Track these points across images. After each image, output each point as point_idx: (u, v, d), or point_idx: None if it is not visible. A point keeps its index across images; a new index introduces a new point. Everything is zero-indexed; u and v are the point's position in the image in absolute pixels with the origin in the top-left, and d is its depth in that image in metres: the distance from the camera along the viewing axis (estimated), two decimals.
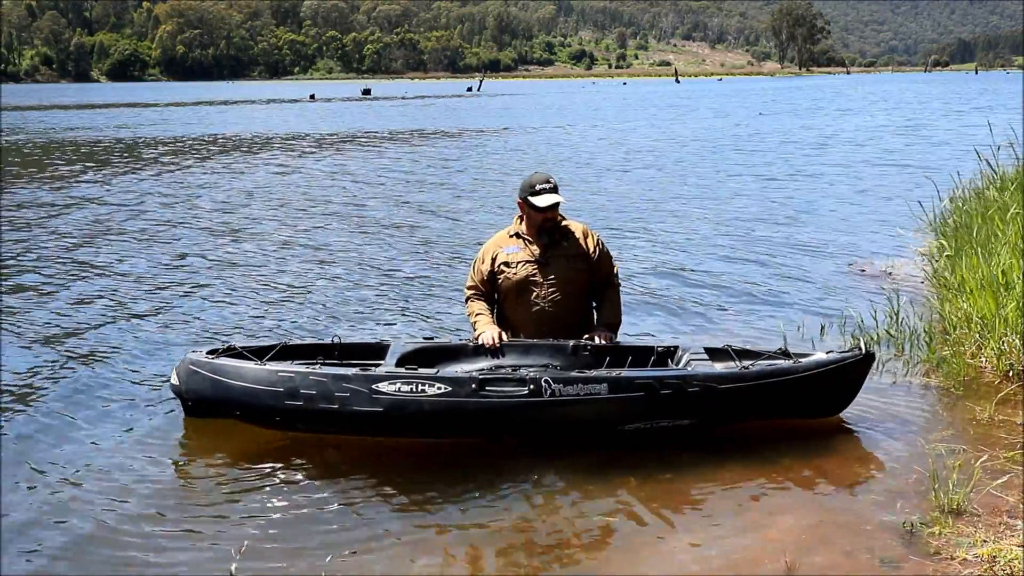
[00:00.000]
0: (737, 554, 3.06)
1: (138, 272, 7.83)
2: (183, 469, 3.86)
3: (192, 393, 4.08)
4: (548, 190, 4.30)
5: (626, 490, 3.54)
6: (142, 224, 10.36)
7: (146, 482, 3.69)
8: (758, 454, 3.78)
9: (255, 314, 6.40)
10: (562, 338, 4.25)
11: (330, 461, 3.82)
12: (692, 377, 3.81)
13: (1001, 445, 3.80)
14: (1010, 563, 2.85)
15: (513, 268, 4.36)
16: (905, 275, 7.00)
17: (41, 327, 6.10)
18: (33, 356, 5.46)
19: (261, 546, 3.14)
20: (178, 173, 15.90)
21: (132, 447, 4.05)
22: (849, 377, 3.97)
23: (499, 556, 3.13)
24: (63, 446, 4.09)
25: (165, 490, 3.63)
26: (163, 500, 3.54)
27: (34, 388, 4.88)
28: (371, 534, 3.24)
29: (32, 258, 8.42)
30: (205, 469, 3.83)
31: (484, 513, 3.40)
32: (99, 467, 3.84)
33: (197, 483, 3.71)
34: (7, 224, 10.22)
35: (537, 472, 3.68)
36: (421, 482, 3.63)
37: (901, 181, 12.97)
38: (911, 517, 3.19)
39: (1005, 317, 4.65)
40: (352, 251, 8.69)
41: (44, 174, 15.84)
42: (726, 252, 8.31)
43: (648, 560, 3.05)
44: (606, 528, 3.28)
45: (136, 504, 3.50)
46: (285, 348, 4.29)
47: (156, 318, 6.32)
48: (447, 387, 3.75)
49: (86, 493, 3.60)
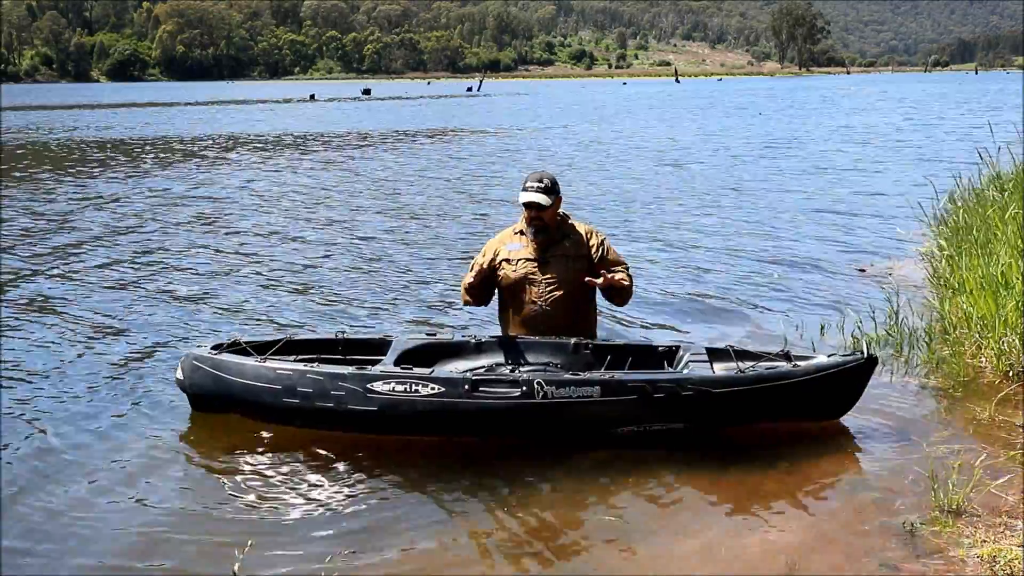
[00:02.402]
0: (737, 554, 3.06)
1: (144, 269, 7.87)
2: (187, 465, 3.86)
3: (195, 388, 4.14)
4: (535, 189, 4.29)
5: (626, 490, 3.54)
6: (147, 222, 10.38)
7: (149, 480, 3.70)
8: (758, 454, 3.78)
9: (262, 308, 6.46)
10: (558, 336, 4.26)
11: (331, 460, 3.83)
12: (686, 380, 3.79)
13: (1001, 445, 3.80)
14: (1010, 563, 2.85)
15: (513, 265, 4.37)
16: (905, 275, 7.00)
17: (47, 322, 6.14)
18: (40, 350, 5.51)
19: (262, 546, 3.14)
20: (181, 173, 15.89)
21: (137, 444, 4.06)
22: (850, 381, 3.92)
23: (499, 556, 3.13)
24: (65, 443, 4.09)
25: (168, 488, 3.63)
26: (166, 498, 3.54)
27: (39, 382, 4.91)
28: (371, 533, 3.24)
29: (40, 253, 8.46)
30: (208, 467, 3.84)
31: (484, 513, 3.41)
32: (101, 465, 3.85)
33: (199, 481, 3.71)
34: (11, 224, 10.22)
35: (537, 472, 3.67)
36: (421, 482, 3.63)
37: (901, 181, 12.97)
38: (911, 517, 3.19)
39: (1005, 317, 4.64)
40: (354, 250, 8.70)
41: (46, 173, 15.85)
42: (726, 251, 8.31)
43: (648, 560, 3.05)
44: (606, 528, 3.27)
45: (138, 502, 3.50)
46: (289, 343, 4.33)
47: (164, 313, 6.37)
48: (440, 387, 3.77)
49: (88, 491, 3.60)
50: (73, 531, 3.31)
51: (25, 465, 3.86)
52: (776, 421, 3.95)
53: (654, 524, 3.30)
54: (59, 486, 3.66)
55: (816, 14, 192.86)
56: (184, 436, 4.15)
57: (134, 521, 3.36)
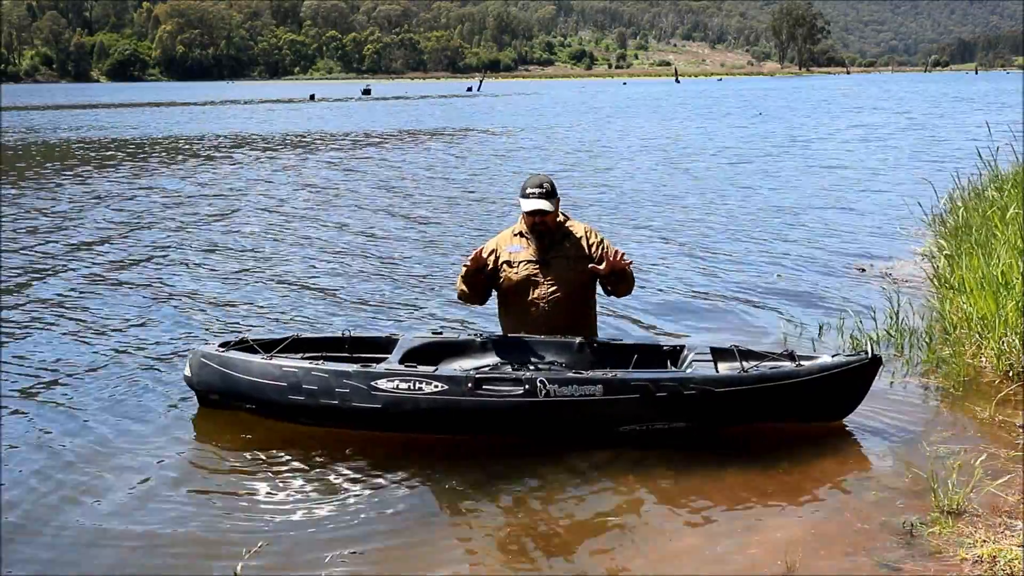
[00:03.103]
0: (737, 554, 3.06)
1: (153, 268, 7.93)
2: (191, 464, 3.87)
3: (203, 385, 4.20)
4: (536, 195, 4.30)
5: (626, 490, 3.55)
6: (154, 220, 10.41)
7: (152, 479, 3.70)
8: (758, 454, 3.78)
9: (270, 307, 6.50)
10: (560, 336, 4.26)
11: (333, 460, 3.83)
12: (688, 380, 3.79)
13: (1001, 445, 3.80)
14: (1010, 563, 2.85)
15: (514, 267, 4.37)
16: (905, 275, 7.00)
17: (56, 317, 6.19)
18: (47, 345, 5.55)
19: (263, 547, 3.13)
20: (187, 172, 15.89)
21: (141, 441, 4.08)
22: (854, 382, 3.90)
23: (499, 556, 3.13)
24: (70, 438, 4.11)
25: (170, 487, 3.64)
26: (168, 497, 3.54)
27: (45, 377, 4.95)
28: (371, 533, 3.24)
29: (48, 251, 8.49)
30: (212, 465, 3.85)
31: (485, 513, 3.41)
32: (105, 463, 3.85)
33: (202, 480, 3.71)
34: (17, 222, 10.22)
35: (537, 472, 3.68)
36: (421, 482, 3.64)
37: (902, 181, 12.97)
38: (911, 517, 3.19)
39: (1005, 317, 4.64)
40: (362, 249, 8.71)
41: (51, 172, 15.83)
42: (726, 252, 8.31)
43: (648, 560, 3.05)
44: (606, 528, 3.28)
45: (140, 501, 3.50)
46: (296, 341, 4.37)
47: (174, 311, 6.42)
48: (443, 385, 3.79)
49: (89, 489, 3.60)
50: (74, 529, 3.31)
51: (28, 462, 3.86)
52: (780, 422, 3.94)
53: (654, 524, 3.30)
54: (61, 483, 3.66)
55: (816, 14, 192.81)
56: (190, 433, 4.17)
57: (135, 520, 3.36)
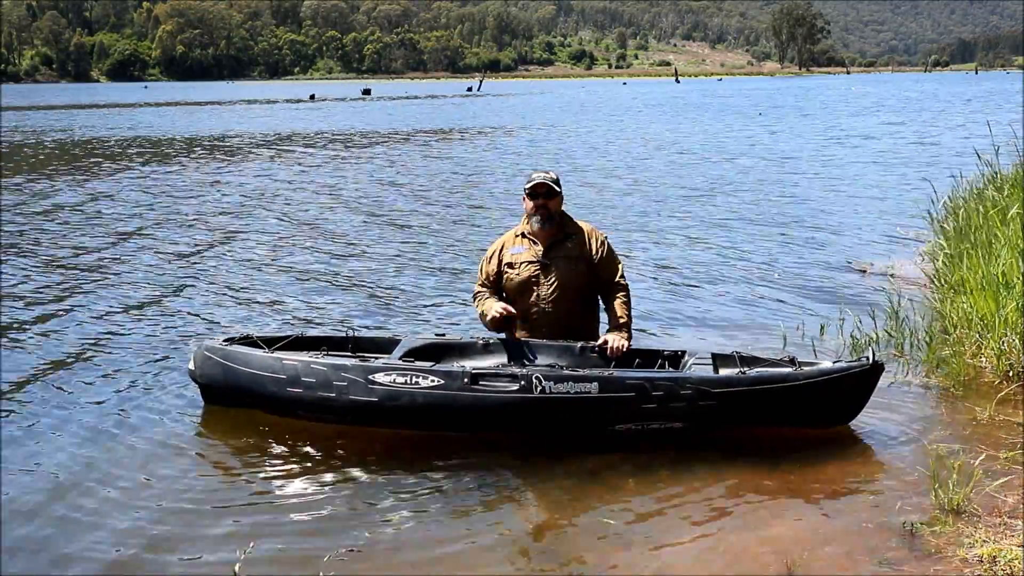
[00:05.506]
0: (737, 554, 3.06)
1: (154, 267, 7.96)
2: (192, 462, 3.89)
3: (206, 379, 4.25)
4: (542, 177, 4.31)
5: (626, 490, 3.55)
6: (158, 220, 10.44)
7: (153, 477, 3.71)
8: (758, 455, 3.79)
9: (276, 306, 6.55)
10: (562, 339, 4.26)
11: (333, 459, 3.84)
12: (684, 380, 3.80)
13: (1001, 445, 3.80)
14: (1010, 563, 2.85)
15: (517, 269, 4.37)
16: (905, 275, 7.00)
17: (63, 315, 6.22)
18: (53, 340, 5.59)
19: (262, 545, 3.14)
20: (185, 172, 15.89)
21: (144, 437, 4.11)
22: (854, 388, 3.87)
23: (499, 555, 3.13)
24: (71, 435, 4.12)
25: (171, 485, 3.64)
26: (169, 495, 3.55)
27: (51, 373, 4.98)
28: (370, 532, 3.25)
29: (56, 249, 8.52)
30: (213, 463, 3.87)
31: (484, 513, 3.41)
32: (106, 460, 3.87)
33: (203, 479, 3.72)
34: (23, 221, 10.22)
35: (537, 472, 3.68)
36: (421, 482, 3.64)
37: (902, 181, 12.98)
38: (911, 517, 3.19)
39: (1005, 317, 4.65)
40: (368, 250, 8.73)
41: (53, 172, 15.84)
42: (727, 252, 8.32)
43: (648, 560, 3.05)
44: (606, 528, 3.28)
45: (141, 499, 3.51)
46: (298, 339, 4.40)
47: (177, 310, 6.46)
48: (440, 379, 3.82)
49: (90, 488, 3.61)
50: (75, 526, 3.31)
51: (30, 457, 3.87)
52: (780, 425, 3.93)
53: (654, 524, 3.31)
54: (60, 480, 3.67)
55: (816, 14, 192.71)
56: (191, 431, 4.20)
57: (134, 518, 3.37)
